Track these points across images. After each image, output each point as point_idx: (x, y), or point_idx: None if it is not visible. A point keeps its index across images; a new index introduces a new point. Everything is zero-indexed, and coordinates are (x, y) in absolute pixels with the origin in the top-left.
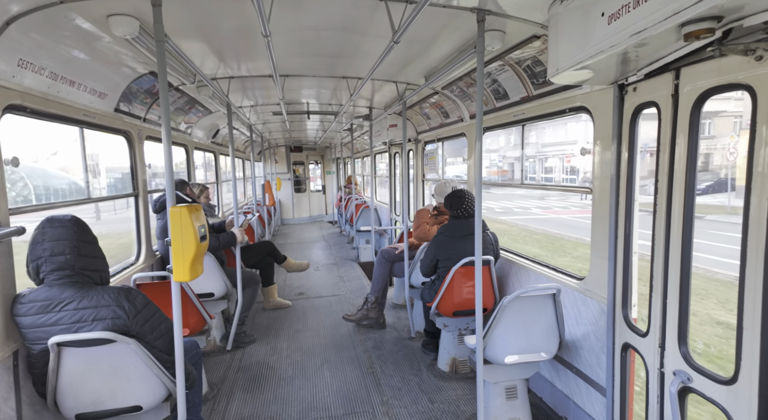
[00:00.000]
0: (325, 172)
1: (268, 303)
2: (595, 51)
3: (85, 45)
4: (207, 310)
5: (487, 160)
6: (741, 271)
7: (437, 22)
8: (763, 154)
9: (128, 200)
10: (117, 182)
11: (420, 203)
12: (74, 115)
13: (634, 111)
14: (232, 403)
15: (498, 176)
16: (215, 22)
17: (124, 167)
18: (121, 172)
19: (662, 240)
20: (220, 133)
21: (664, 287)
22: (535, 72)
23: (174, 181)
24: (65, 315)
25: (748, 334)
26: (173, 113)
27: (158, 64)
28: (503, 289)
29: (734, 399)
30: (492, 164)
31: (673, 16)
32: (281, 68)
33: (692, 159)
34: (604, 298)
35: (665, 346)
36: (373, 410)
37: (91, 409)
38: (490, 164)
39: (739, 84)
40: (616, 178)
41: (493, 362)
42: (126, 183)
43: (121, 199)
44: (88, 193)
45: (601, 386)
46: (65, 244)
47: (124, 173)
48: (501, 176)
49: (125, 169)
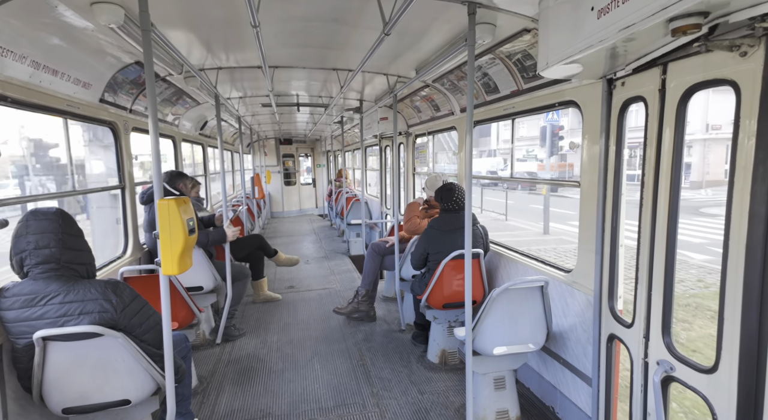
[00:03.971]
0: (316, 165)
1: (258, 296)
2: (585, 45)
3: (68, 33)
4: (196, 304)
5: (520, 152)
6: (723, 263)
7: (428, 14)
8: (746, 149)
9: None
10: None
11: (411, 197)
12: (57, 105)
13: (622, 105)
14: (221, 396)
15: (556, 172)
16: (203, 12)
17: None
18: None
19: (648, 232)
20: (208, 125)
21: (649, 279)
22: (525, 66)
23: (161, 173)
24: (50, 309)
25: (728, 324)
26: (160, 104)
27: (144, 54)
28: (493, 282)
29: (714, 387)
30: (528, 156)
31: (662, 11)
32: (270, 59)
33: (678, 153)
34: (590, 290)
35: (649, 337)
36: (363, 402)
37: (78, 403)
38: (526, 156)
39: (724, 79)
40: (603, 172)
41: (482, 353)
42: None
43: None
44: (73, 185)
45: (587, 376)
46: (50, 237)
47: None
48: (560, 173)
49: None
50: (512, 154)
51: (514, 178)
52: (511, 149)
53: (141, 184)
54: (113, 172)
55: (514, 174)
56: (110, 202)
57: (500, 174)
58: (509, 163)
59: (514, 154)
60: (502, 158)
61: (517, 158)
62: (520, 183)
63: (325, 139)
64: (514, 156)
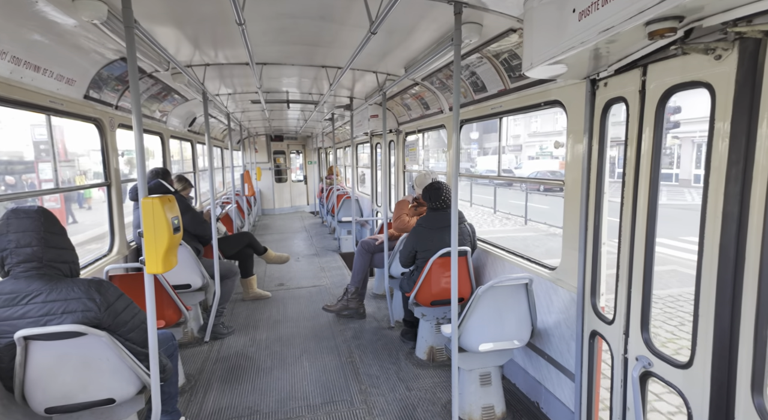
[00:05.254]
0: (307, 162)
1: (247, 294)
2: (567, 46)
3: (50, 29)
4: (183, 302)
5: (533, 149)
6: (698, 261)
7: (415, 12)
8: (719, 151)
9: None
10: None
11: (401, 194)
12: (40, 101)
13: (605, 105)
14: (209, 394)
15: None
16: (189, 8)
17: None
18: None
19: (628, 231)
20: (197, 122)
21: (629, 277)
22: (511, 65)
23: (146, 170)
24: (32, 308)
25: (703, 321)
26: (147, 101)
27: (128, 51)
28: (480, 279)
29: (689, 382)
30: (543, 153)
31: (639, 14)
32: (259, 56)
33: (657, 153)
34: (574, 288)
35: (629, 333)
36: (351, 399)
37: (62, 402)
38: (540, 153)
39: (700, 82)
40: (586, 171)
41: (468, 350)
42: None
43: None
44: (56, 183)
45: (570, 372)
46: (32, 235)
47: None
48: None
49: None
50: (499, 151)
51: (501, 177)
52: (499, 147)
53: (127, 181)
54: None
55: (513, 173)
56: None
57: (515, 173)
58: (521, 160)
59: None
60: (513, 155)
61: (529, 156)
62: (505, 181)
63: (317, 135)
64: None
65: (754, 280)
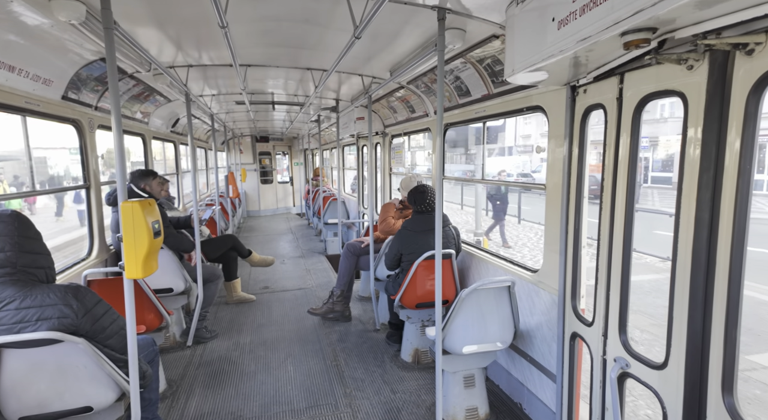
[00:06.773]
0: (293, 164)
1: (231, 297)
2: (547, 54)
3: (25, 29)
4: (165, 306)
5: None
6: (672, 265)
7: (399, 18)
8: (692, 159)
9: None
10: None
11: (387, 197)
12: (15, 102)
13: (585, 112)
14: (191, 400)
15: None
16: (170, 10)
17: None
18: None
19: (606, 234)
20: (180, 123)
21: (607, 279)
22: (494, 70)
23: (125, 174)
24: (6, 315)
25: (677, 323)
26: (128, 102)
27: (107, 52)
28: (465, 282)
29: (664, 382)
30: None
31: (614, 25)
32: (243, 58)
33: (633, 158)
34: (555, 290)
35: (608, 335)
36: (335, 402)
37: (37, 411)
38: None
39: (673, 90)
40: (567, 176)
41: (452, 352)
42: None
43: None
44: (32, 185)
45: (552, 373)
46: (5, 240)
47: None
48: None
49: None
50: (483, 155)
51: (484, 180)
52: (483, 150)
53: (107, 183)
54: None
55: (507, 176)
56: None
57: (533, 177)
58: (533, 163)
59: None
60: (528, 157)
61: (542, 158)
62: (487, 184)
63: (303, 137)
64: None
65: (724, 283)
